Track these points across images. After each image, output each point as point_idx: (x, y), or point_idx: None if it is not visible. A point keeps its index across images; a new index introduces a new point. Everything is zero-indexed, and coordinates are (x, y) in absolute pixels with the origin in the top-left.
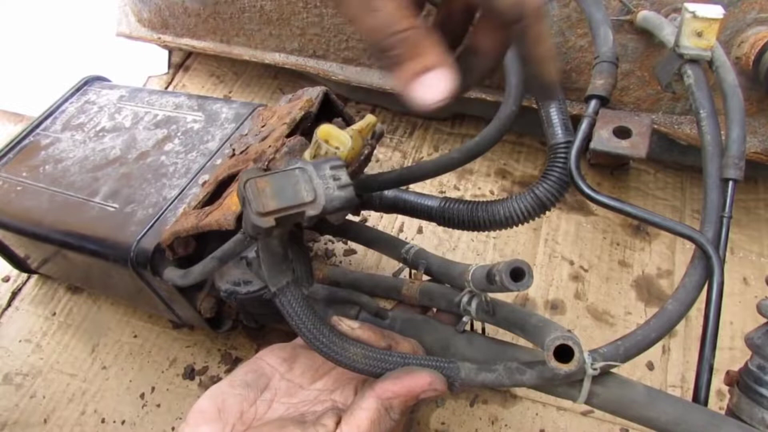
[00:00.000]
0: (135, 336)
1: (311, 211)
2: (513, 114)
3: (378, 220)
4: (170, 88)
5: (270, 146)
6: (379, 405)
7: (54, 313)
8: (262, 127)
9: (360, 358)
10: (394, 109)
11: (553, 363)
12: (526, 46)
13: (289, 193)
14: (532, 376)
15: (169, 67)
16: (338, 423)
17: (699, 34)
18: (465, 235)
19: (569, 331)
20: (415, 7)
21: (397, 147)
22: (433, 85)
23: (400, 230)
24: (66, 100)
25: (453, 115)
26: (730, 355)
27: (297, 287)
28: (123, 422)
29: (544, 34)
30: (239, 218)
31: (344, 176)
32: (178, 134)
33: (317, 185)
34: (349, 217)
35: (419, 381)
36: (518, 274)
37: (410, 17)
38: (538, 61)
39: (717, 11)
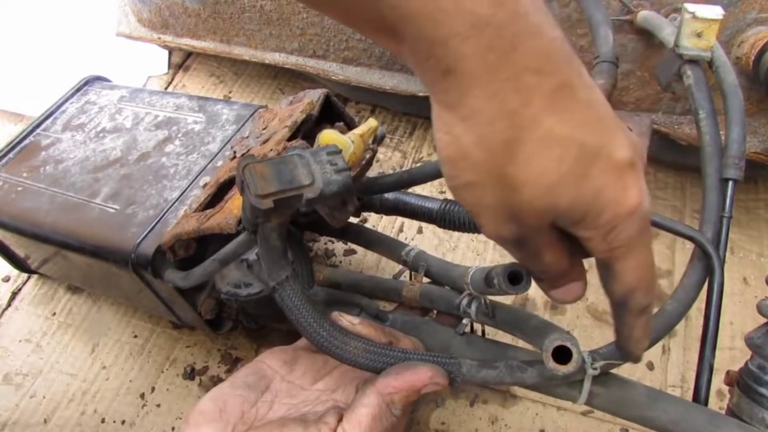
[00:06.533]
0: (135, 336)
1: (309, 194)
2: None
3: (378, 220)
4: (170, 89)
5: (271, 149)
6: (380, 401)
7: (54, 313)
8: (263, 129)
9: (361, 353)
10: (394, 109)
11: (552, 364)
12: (621, 321)
13: (287, 176)
14: (533, 374)
15: (169, 67)
16: (340, 420)
17: (699, 35)
18: (465, 236)
19: (568, 332)
20: (566, 245)
21: (397, 147)
22: (570, 292)
23: (400, 230)
24: (66, 100)
25: None
26: (730, 355)
27: (296, 282)
28: (123, 422)
29: (639, 325)
30: (241, 221)
31: (341, 162)
32: (179, 135)
33: (315, 170)
34: (350, 218)
35: (421, 375)
36: (516, 277)
37: (565, 259)
38: (626, 338)
39: (716, 12)
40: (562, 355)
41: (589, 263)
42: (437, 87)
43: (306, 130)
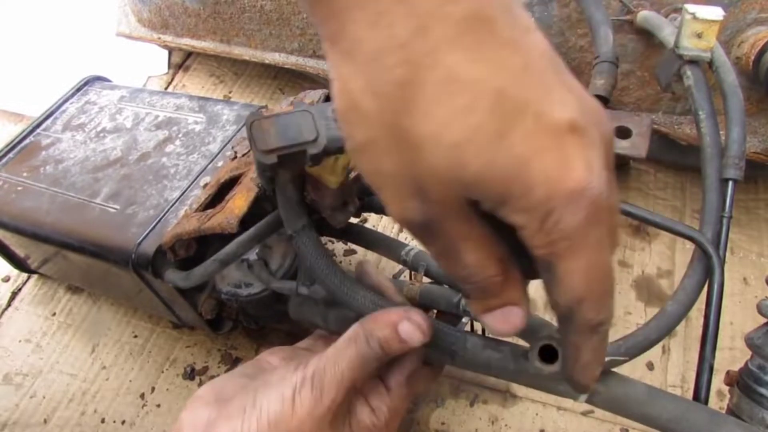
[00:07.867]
0: (135, 336)
1: (313, 150)
2: None
3: (378, 220)
4: (170, 89)
5: None
6: (359, 328)
7: (54, 313)
8: None
9: (368, 303)
10: None
11: (537, 363)
12: (566, 341)
13: (292, 132)
14: None
15: (169, 67)
16: None
17: (699, 36)
18: None
19: None
20: (499, 248)
21: None
22: (506, 319)
23: (401, 230)
24: (66, 100)
25: None
26: (730, 355)
27: (312, 230)
28: (123, 422)
29: (587, 347)
30: (242, 221)
31: None
32: (180, 136)
33: (320, 126)
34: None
35: (400, 312)
36: None
37: (493, 265)
38: (571, 363)
39: (717, 13)
40: (549, 353)
41: None
42: (315, 14)
43: None
